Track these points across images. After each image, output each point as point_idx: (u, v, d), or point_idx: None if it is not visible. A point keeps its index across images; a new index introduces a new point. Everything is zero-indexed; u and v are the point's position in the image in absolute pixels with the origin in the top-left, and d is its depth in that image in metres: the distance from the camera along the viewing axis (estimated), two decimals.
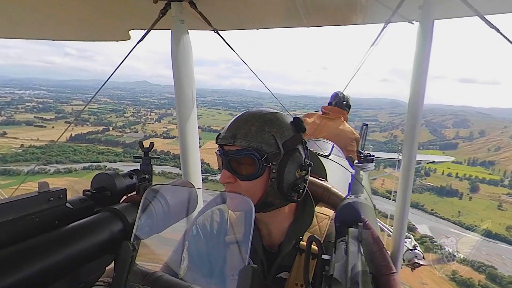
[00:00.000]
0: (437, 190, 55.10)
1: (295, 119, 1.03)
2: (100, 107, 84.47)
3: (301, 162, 0.99)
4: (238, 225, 1.10)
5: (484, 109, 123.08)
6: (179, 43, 2.00)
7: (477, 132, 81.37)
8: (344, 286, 0.47)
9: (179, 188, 0.85)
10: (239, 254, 0.97)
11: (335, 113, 3.51)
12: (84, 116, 71.62)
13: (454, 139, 79.76)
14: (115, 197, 0.75)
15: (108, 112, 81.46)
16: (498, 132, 79.24)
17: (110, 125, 72.90)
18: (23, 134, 60.59)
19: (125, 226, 0.67)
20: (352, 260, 0.52)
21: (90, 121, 73.49)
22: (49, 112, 73.73)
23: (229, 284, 1.02)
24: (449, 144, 76.09)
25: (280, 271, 1.02)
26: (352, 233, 0.64)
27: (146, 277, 0.69)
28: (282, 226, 1.07)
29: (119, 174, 0.78)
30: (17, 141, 57.45)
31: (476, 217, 46.79)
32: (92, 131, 67.90)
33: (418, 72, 1.85)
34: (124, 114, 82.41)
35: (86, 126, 70.63)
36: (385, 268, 0.65)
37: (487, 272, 29.09)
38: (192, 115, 2.11)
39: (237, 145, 0.94)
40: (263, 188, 0.96)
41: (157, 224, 0.71)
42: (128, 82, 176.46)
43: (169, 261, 1.10)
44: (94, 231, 0.62)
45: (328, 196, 1.21)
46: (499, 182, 58.07)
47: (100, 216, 0.66)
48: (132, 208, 0.71)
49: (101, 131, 68.68)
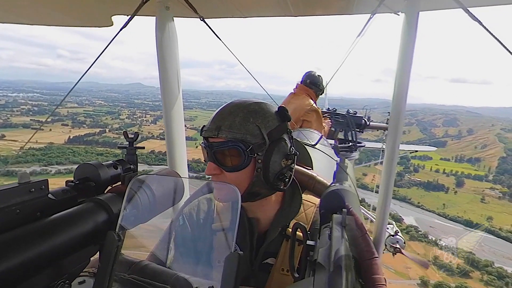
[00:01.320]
0: (425, 185, 57.84)
1: (279, 108, 1.03)
2: (95, 110, 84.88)
3: (286, 151, 0.99)
4: (224, 214, 1.11)
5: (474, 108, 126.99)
6: (164, 30, 1.95)
7: (466, 131, 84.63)
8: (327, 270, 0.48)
9: (164, 178, 0.84)
10: (226, 242, 0.98)
11: (300, 90, 3.59)
12: (80, 119, 74.49)
13: (443, 137, 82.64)
14: (100, 187, 0.74)
15: (103, 115, 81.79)
16: (486, 130, 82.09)
17: (106, 127, 73.53)
18: (21, 136, 60.64)
19: (110, 217, 0.67)
20: (336, 245, 0.53)
21: (86, 123, 74.21)
22: (44, 115, 73.47)
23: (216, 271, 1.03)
24: (438, 142, 78.22)
25: (267, 257, 1.03)
26: (336, 219, 0.65)
27: (132, 266, 0.69)
28: (269, 214, 1.08)
29: (103, 164, 0.77)
30: (16, 144, 57.73)
31: (459, 209, 50.12)
32: (89, 133, 68.84)
33: (403, 63, 1.87)
34: (119, 116, 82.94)
35: (83, 128, 71.70)
36: (368, 253, 0.67)
37: (466, 257, 29.14)
38: (178, 104, 2.08)
39: (221, 137, 0.94)
40: (249, 179, 0.97)
41: (143, 214, 0.71)
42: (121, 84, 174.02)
43: (155, 251, 1.10)
44: (78, 222, 0.61)
45: (314, 184, 1.23)
46: (483, 177, 61.31)
47: (84, 207, 0.65)
48: (117, 198, 0.71)
49: (98, 133, 69.47)
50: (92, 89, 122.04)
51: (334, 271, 0.47)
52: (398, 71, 1.90)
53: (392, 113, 1.94)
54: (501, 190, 55.84)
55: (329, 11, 2.43)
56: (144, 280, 0.65)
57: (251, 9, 2.44)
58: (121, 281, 0.64)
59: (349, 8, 2.28)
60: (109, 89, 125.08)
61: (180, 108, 2.14)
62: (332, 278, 0.46)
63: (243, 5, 2.34)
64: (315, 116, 3.38)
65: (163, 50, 1.97)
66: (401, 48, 1.87)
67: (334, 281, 0.45)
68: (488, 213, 47.78)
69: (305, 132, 2.53)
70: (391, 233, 3.39)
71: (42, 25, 2.80)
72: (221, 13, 2.43)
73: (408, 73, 1.88)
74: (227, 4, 2.27)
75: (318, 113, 3.45)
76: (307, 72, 3.72)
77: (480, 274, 29.90)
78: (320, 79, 3.66)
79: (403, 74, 1.88)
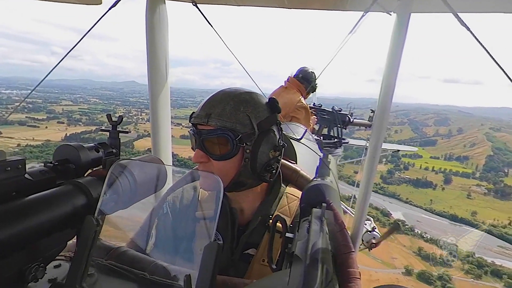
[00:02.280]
0: (414, 182, 60.42)
1: (270, 99, 1.03)
2: (90, 107, 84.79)
3: (275, 142, 1.00)
4: (208, 203, 1.11)
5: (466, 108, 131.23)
6: (155, 13, 1.91)
7: (456, 130, 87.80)
8: (303, 262, 0.49)
9: (147, 164, 0.83)
10: (207, 231, 0.99)
11: (291, 84, 3.58)
12: (75, 116, 75.35)
13: (433, 136, 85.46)
14: (79, 170, 0.72)
15: (99, 112, 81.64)
16: (475, 129, 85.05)
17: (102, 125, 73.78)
18: (18, 134, 61.97)
19: (89, 201, 0.65)
20: (313, 239, 0.54)
21: (82, 121, 74.57)
22: (39, 112, 73.87)
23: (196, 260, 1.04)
24: (428, 141, 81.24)
25: (248, 247, 1.04)
26: (315, 213, 0.66)
27: (109, 252, 0.68)
28: (253, 205, 1.09)
29: (84, 146, 0.75)
30: (13, 141, 58.79)
31: (446, 205, 53.29)
32: (85, 130, 69.24)
33: (392, 62, 1.90)
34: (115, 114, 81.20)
35: (79, 126, 72.12)
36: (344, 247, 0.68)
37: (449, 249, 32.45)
38: (165, 90, 2.05)
39: (211, 125, 0.93)
40: (236, 168, 0.97)
41: (123, 200, 0.70)
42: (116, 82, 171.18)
43: (135, 237, 1.09)
44: (55, 204, 0.60)
45: (297, 178, 1.24)
46: (470, 174, 64.51)
47: (62, 189, 0.63)
48: (97, 182, 0.69)
49: (94, 131, 69.54)
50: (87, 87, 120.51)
51: (310, 263, 0.48)
52: (386, 70, 1.93)
53: (378, 111, 1.97)
54: (486, 186, 58.86)
55: (323, 5, 2.43)
56: (121, 266, 0.64)
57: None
58: (98, 267, 0.63)
59: (344, 4, 2.28)
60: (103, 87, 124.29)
61: (167, 96, 2.11)
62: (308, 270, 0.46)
63: None
64: (304, 114, 3.39)
65: (153, 33, 1.93)
66: (391, 47, 1.90)
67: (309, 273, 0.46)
68: (473, 208, 50.96)
69: (291, 126, 2.54)
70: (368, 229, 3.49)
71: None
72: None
73: (396, 72, 1.91)
74: None
75: (307, 111, 3.46)
76: (301, 67, 3.71)
77: (462, 264, 31.60)
78: (313, 75, 3.66)
79: (390, 72, 1.91)
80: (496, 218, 47.10)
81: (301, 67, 3.72)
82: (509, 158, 68.19)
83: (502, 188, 57.50)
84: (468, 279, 30.95)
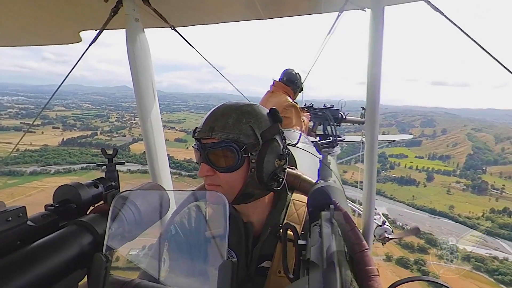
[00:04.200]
0: (398, 180, 65.76)
1: (271, 110, 1.04)
2: (84, 113, 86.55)
3: (279, 151, 1.00)
4: (216, 221, 1.09)
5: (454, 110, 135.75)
6: (135, 43, 1.92)
7: (440, 131, 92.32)
8: (321, 267, 0.49)
9: (149, 193, 0.82)
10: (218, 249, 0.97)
11: (277, 88, 3.57)
12: (70, 122, 77.38)
13: (419, 137, 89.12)
14: (81, 209, 0.72)
15: (92, 118, 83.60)
16: (458, 130, 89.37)
17: (97, 129, 76.05)
18: (15, 139, 61.56)
19: (95, 238, 0.64)
20: (327, 242, 0.54)
21: (77, 126, 76.21)
22: (33, 118, 73.32)
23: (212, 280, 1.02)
24: (414, 141, 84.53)
25: (263, 260, 1.03)
26: (324, 216, 0.66)
27: (123, 286, 0.67)
28: (262, 216, 1.08)
29: (83, 184, 0.74)
30: (11, 146, 58.86)
31: (427, 200, 57.86)
32: (81, 135, 71.40)
33: (373, 57, 1.93)
34: (108, 119, 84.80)
35: (74, 131, 73.90)
36: (358, 246, 0.68)
37: (426, 238, 39.52)
38: (154, 115, 2.04)
39: (215, 138, 0.94)
40: (243, 179, 0.97)
41: (129, 232, 0.69)
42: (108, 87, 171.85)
43: (146, 267, 1.07)
44: (62, 246, 0.59)
45: (299, 183, 1.24)
46: (451, 172, 69.61)
47: (66, 231, 0.63)
48: (100, 218, 0.69)
49: (90, 135, 71.75)
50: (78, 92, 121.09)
51: (328, 268, 0.47)
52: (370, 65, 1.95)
53: (367, 106, 1.99)
54: (465, 183, 64.08)
55: (298, 11, 2.47)
56: None
57: (221, 15, 2.45)
58: None
59: (318, 8, 2.32)
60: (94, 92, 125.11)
61: (158, 119, 2.10)
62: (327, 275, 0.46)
63: (213, 11, 2.34)
64: (293, 112, 3.37)
65: (136, 62, 1.94)
66: (370, 43, 1.93)
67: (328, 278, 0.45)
68: (451, 203, 55.89)
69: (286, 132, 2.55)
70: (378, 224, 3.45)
71: (7, 46, 2.70)
72: (192, 20, 2.42)
73: (379, 66, 1.93)
74: (196, 11, 2.27)
75: (297, 108, 3.45)
76: (285, 70, 3.73)
77: (436, 250, 34.85)
78: (297, 76, 3.68)
79: (374, 67, 1.93)
80: (471, 211, 52.65)
81: (285, 69, 3.73)
82: (487, 156, 73.16)
83: (479, 184, 62.51)
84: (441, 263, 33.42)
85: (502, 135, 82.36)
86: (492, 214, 50.25)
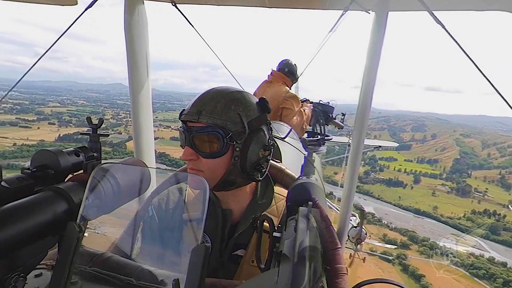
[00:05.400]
0: (386, 181, 68.15)
1: (261, 100, 1.03)
2: (79, 109, 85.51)
3: (265, 142, 1.00)
4: (195, 205, 1.09)
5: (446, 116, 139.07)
6: (134, 13, 1.87)
7: (430, 135, 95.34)
8: (291, 260, 0.50)
9: (130, 167, 0.81)
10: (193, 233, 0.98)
11: (276, 78, 3.53)
12: (65, 118, 76.85)
13: (409, 141, 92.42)
14: (59, 176, 0.70)
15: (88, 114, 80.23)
16: (447, 135, 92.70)
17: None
18: (12, 134, 63.23)
19: (70, 207, 0.63)
20: (300, 237, 0.55)
21: (72, 123, 75.47)
22: (28, 114, 74.67)
23: (184, 263, 1.02)
24: (404, 145, 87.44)
25: (237, 248, 1.04)
26: (302, 211, 0.67)
27: (93, 258, 0.66)
28: (242, 205, 1.08)
29: (63, 151, 0.72)
30: (8, 140, 60.24)
31: (412, 201, 60.74)
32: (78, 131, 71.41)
33: (371, 60, 1.94)
34: (104, 116, 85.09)
35: (70, 127, 73.42)
36: (331, 244, 0.69)
37: (409, 235, 43.23)
38: (146, 91, 2.01)
39: (201, 122, 0.93)
40: (225, 167, 0.96)
41: (106, 204, 0.68)
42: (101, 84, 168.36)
43: (119, 242, 1.06)
44: (34, 211, 0.57)
45: (282, 177, 1.25)
46: (438, 175, 72.85)
47: (41, 196, 0.61)
48: (78, 187, 0.67)
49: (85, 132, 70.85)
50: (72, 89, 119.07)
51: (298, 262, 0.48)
52: (366, 67, 1.97)
53: (359, 109, 2.01)
54: (450, 186, 67.38)
55: (303, 4, 2.45)
56: (106, 273, 0.63)
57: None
58: (81, 274, 0.61)
59: (324, 3, 2.31)
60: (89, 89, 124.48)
61: (148, 97, 2.07)
62: (296, 268, 0.47)
63: None
64: (294, 103, 3.33)
65: (132, 34, 1.89)
66: (370, 45, 1.94)
67: (297, 271, 0.46)
68: (435, 204, 59.40)
69: (275, 124, 2.55)
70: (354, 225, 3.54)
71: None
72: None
73: (375, 70, 1.95)
74: None
75: (297, 99, 3.42)
76: (283, 60, 3.65)
77: (418, 246, 40.71)
78: (296, 67, 3.63)
79: (370, 70, 1.95)
80: (453, 212, 56.19)
81: (283, 59, 3.66)
82: (473, 161, 77.04)
83: (463, 187, 65.66)
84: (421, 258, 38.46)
85: (489, 141, 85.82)
86: (472, 215, 53.84)
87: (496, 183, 67.68)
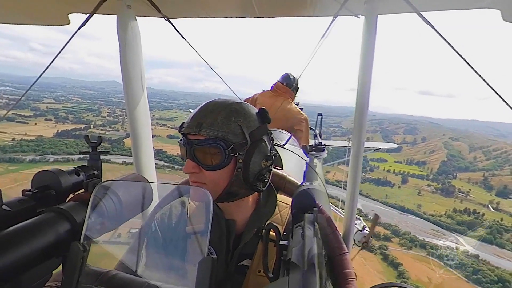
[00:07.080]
0: (375, 181, 74.68)
1: (260, 110, 1.02)
2: (74, 106, 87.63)
3: (266, 152, 0.99)
4: (198, 217, 1.09)
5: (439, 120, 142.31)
6: (127, 30, 1.88)
7: (420, 139, 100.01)
8: (301, 268, 0.49)
9: (131, 183, 0.81)
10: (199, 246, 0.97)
11: (281, 92, 3.62)
12: (61, 114, 78.69)
13: (400, 144, 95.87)
14: (61, 196, 0.69)
15: (84, 111, 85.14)
16: (436, 138, 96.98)
17: (90, 123, 77.96)
18: (10, 129, 64.28)
19: (73, 226, 0.62)
20: (309, 244, 0.54)
21: (69, 119, 77.10)
22: (24, 110, 76.04)
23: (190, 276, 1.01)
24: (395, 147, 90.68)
25: (243, 258, 1.03)
26: (308, 218, 0.67)
27: (99, 277, 0.65)
28: (245, 215, 1.07)
29: (63, 171, 0.72)
30: (6, 135, 61.51)
31: (398, 199, 66.13)
32: (75, 128, 72.92)
33: (365, 63, 1.96)
34: (100, 113, 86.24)
35: (67, 124, 75.12)
36: (338, 249, 0.69)
37: (392, 229, 48.20)
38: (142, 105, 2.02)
39: (202, 134, 0.92)
40: (228, 178, 0.95)
41: (109, 222, 0.68)
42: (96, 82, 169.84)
43: (124, 259, 1.05)
44: (37, 233, 0.57)
45: (284, 184, 1.25)
46: (425, 176, 78.25)
47: (43, 217, 0.60)
48: (80, 207, 0.67)
49: (83, 129, 73.65)
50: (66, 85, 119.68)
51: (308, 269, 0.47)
52: (360, 72, 1.98)
53: (356, 112, 2.02)
54: (435, 186, 72.38)
55: (293, 13, 2.48)
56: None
57: (216, 9, 2.43)
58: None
59: (312, 10, 2.34)
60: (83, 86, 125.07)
61: (146, 110, 2.07)
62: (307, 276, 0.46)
63: (208, 5, 2.32)
64: (305, 125, 3.47)
65: (126, 50, 1.90)
66: (362, 49, 1.96)
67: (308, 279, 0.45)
68: (419, 202, 64.82)
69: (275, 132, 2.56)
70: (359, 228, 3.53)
71: None
72: (186, 13, 2.39)
73: (370, 73, 1.97)
74: (191, 4, 2.24)
75: (307, 122, 3.55)
76: (285, 73, 3.75)
77: (399, 239, 45.74)
78: (297, 81, 3.75)
79: (365, 74, 1.97)
80: (435, 210, 61.13)
81: (285, 73, 3.76)
82: (460, 163, 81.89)
83: (447, 188, 71.66)
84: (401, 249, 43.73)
85: (476, 145, 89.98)
86: (453, 213, 59.15)
87: (479, 184, 73.08)
